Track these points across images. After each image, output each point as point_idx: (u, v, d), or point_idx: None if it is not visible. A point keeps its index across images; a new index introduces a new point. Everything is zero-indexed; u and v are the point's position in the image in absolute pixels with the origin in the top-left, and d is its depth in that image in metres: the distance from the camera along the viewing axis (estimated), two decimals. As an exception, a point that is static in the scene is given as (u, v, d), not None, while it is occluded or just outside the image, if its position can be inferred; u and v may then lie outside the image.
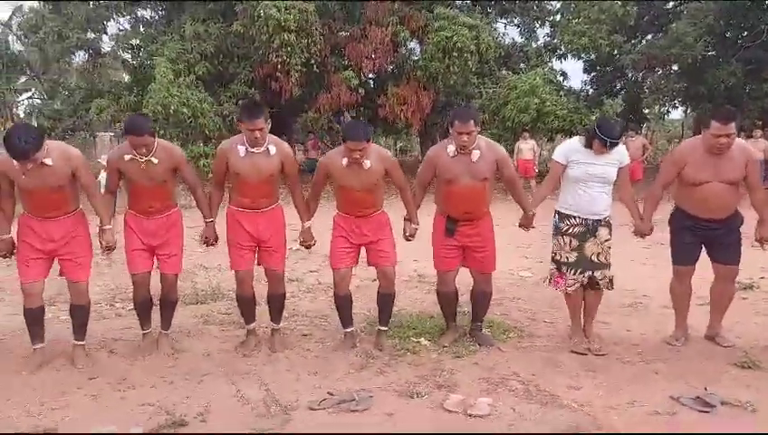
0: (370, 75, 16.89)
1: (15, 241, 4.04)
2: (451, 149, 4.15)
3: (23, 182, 3.79)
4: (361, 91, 15.28)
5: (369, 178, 4.15)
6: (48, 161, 3.72)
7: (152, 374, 3.93)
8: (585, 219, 4.26)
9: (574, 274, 4.28)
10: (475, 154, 4.11)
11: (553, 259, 4.37)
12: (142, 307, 4.34)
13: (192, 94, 14.03)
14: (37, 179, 3.76)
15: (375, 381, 3.81)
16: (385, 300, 4.43)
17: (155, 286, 4.38)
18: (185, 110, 13.70)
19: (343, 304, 4.42)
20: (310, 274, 6.66)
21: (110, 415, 3.35)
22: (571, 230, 4.28)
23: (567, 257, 4.29)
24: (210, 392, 3.65)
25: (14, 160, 3.64)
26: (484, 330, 4.57)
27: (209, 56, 14.88)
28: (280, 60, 13.75)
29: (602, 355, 4.22)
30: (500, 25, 18.82)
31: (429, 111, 15.52)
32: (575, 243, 4.27)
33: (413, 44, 16.15)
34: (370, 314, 4.98)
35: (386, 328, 4.47)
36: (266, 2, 13.34)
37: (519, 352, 4.30)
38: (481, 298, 4.48)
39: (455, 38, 14.01)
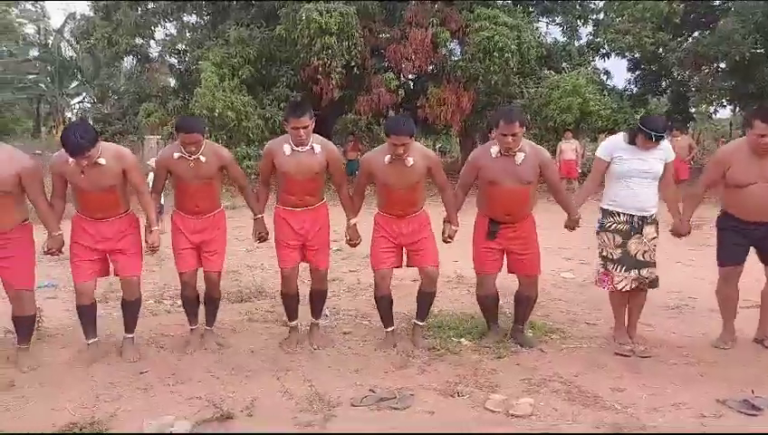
0: (410, 76, 16.93)
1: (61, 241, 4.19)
2: (495, 150, 4.14)
3: (77, 182, 3.94)
4: (401, 92, 15.33)
5: (412, 176, 4.16)
6: (101, 161, 3.88)
7: (199, 369, 4.05)
8: (630, 216, 4.22)
9: (620, 271, 4.23)
10: (519, 157, 4.09)
11: (600, 256, 4.34)
12: (190, 304, 4.47)
13: (236, 98, 14.30)
14: (91, 179, 3.91)
15: (416, 380, 3.84)
16: (425, 298, 4.46)
17: (201, 285, 4.51)
18: (229, 113, 13.98)
19: (384, 305, 4.45)
20: (350, 273, 6.73)
21: (161, 408, 3.46)
22: (615, 227, 4.25)
23: (612, 254, 4.26)
24: (256, 387, 3.75)
25: (70, 157, 3.80)
26: (525, 331, 4.56)
27: (252, 60, 15.14)
28: (321, 62, 13.90)
29: (647, 357, 4.17)
30: (542, 25, 18.66)
31: (469, 112, 15.47)
32: (619, 239, 4.24)
33: (453, 45, 16.12)
34: (409, 314, 5.02)
35: (423, 323, 4.50)
36: (308, 6, 13.52)
37: (561, 354, 4.28)
38: (525, 302, 4.46)
39: (496, 38, 13.94)
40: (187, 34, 17.84)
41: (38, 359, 4.18)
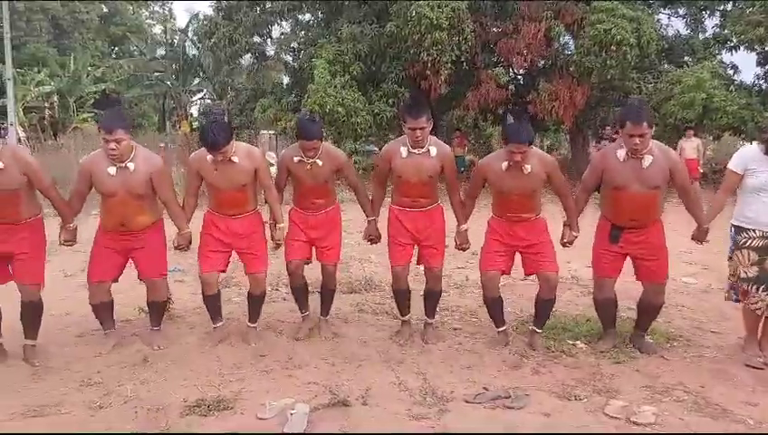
0: (521, 71, 16.58)
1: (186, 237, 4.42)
2: (621, 153, 3.94)
3: (212, 178, 4.17)
4: (511, 87, 15.05)
5: (529, 183, 4.07)
6: (235, 159, 4.09)
7: (315, 356, 4.19)
8: (766, 232, 3.93)
9: (757, 290, 3.94)
10: (647, 160, 3.88)
11: (736, 275, 4.06)
12: (298, 292, 4.64)
13: (346, 94, 14.57)
14: (225, 176, 4.14)
15: (530, 381, 3.78)
16: (544, 305, 4.34)
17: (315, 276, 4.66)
18: (339, 109, 14.26)
19: (493, 306, 4.40)
20: (458, 270, 6.70)
21: (281, 391, 3.61)
22: (749, 244, 3.96)
23: (747, 273, 3.97)
24: (369, 377, 3.83)
25: (208, 153, 4.04)
26: (645, 337, 4.37)
27: (363, 57, 15.37)
28: (431, 58, 13.89)
29: (783, 372, 3.88)
30: (663, 17, 17.68)
31: (582, 108, 14.94)
32: (755, 257, 3.94)
33: (566, 39, 15.63)
34: (522, 315, 4.94)
35: (540, 331, 4.40)
36: (420, 1, 13.55)
37: (685, 363, 4.07)
38: (649, 309, 4.25)
39: (613, 31, 13.34)
40: (302, 33, 18.40)
41: (169, 339, 4.48)
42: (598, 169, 4.13)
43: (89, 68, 26.37)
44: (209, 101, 29.22)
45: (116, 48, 33.74)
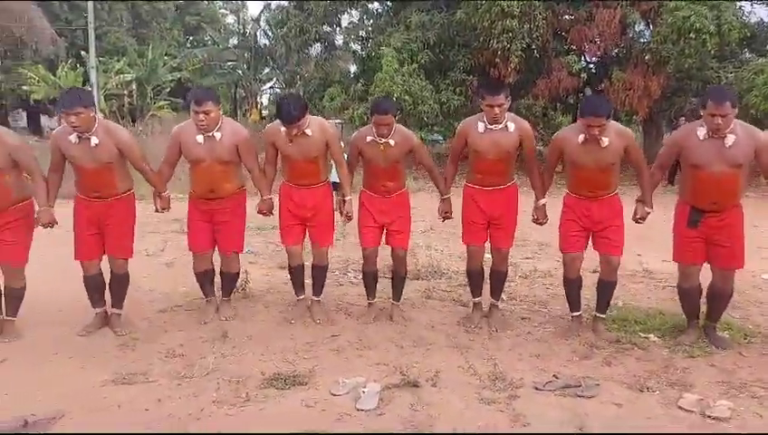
0: (593, 59, 16.16)
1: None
2: (702, 132, 3.86)
3: (286, 150, 4.37)
4: (583, 76, 14.70)
5: (606, 157, 4.01)
6: (308, 132, 4.26)
7: (384, 338, 4.30)
8: None
9: None
10: (730, 138, 3.78)
11: None
12: (368, 278, 4.75)
13: (413, 82, 14.57)
14: (298, 148, 4.33)
15: (600, 371, 3.76)
16: (605, 287, 4.33)
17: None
18: (406, 97, 14.26)
19: (573, 288, 4.39)
20: (526, 260, 6.67)
21: (353, 370, 3.73)
22: None
23: None
24: (438, 360, 3.90)
25: (283, 126, 4.21)
26: (720, 332, 4.26)
27: (431, 45, 15.32)
28: (500, 46, 13.71)
29: None
30: (746, 3, 16.84)
31: (657, 98, 14.45)
32: None
33: (642, 26, 15.12)
34: (590, 305, 4.89)
35: (603, 315, 4.38)
36: (490, -12, 13.38)
37: (763, 359, 3.95)
38: (719, 297, 4.15)
39: (692, 18, 12.81)
40: (370, 21, 18.48)
41: (237, 310, 4.74)
42: (676, 146, 4.06)
43: (165, 57, 27.27)
44: (278, 90, 29.67)
45: (191, 38, 34.76)
